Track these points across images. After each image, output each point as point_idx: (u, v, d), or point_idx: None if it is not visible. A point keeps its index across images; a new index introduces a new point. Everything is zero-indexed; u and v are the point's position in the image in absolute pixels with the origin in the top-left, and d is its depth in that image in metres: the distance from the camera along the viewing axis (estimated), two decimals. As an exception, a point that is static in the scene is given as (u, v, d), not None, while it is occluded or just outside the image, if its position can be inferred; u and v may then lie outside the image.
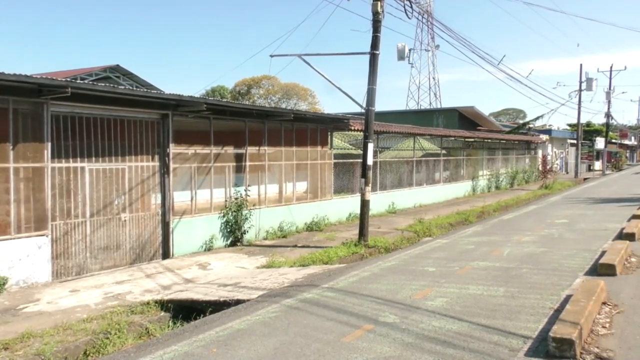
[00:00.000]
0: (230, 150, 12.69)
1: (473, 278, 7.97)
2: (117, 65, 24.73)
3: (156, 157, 10.66)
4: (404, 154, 20.79)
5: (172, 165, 10.83)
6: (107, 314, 6.94)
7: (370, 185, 12.07)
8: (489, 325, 5.59)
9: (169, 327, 6.95)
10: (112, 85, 10.04)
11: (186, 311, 7.47)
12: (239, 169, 12.97)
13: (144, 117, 10.35)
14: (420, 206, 19.91)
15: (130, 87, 15.69)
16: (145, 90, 11.86)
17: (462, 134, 25.32)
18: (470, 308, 6.31)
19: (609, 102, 48.48)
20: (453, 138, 24.43)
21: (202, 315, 7.01)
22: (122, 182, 10.01)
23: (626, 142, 73.97)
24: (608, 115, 49.77)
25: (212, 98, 13.44)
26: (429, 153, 22.80)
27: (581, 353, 4.64)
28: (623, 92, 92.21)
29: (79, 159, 9.31)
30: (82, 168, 9.38)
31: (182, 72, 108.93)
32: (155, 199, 10.82)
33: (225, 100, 29.49)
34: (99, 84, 9.11)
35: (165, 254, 10.75)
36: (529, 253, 9.89)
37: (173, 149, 10.84)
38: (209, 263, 10.29)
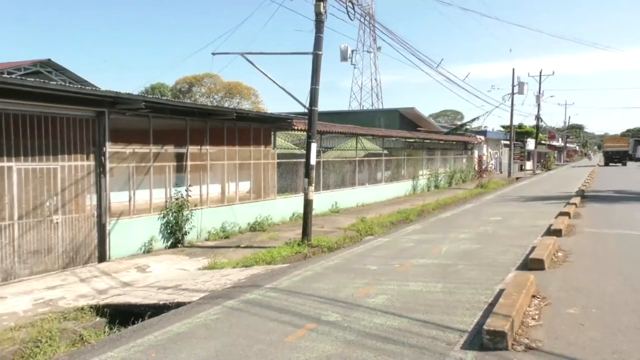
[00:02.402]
0: (171, 149, 12.38)
1: (413, 275, 8.18)
2: (49, 59, 23.50)
3: (91, 156, 10.23)
4: (346, 154, 21.04)
5: (108, 165, 10.44)
6: (38, 321, 6.59)
7: (313, 185, 12.13)
8: (427, 321, 5.76)
9: (105, 333, 6.69)
10: (43, 80, 9.54)
11: (124, 316, 7.21)
12: (180, 169, 12.68)
13: (78, 114, 9.91)
14: (363, 205, 20.22)
15: (63, 83, 14.96)
16: (79, 86, 11.32)
17: (403, 135, 25.92)
18: (410, 304, 6.47)
19: (539, 105, 51.18)
20: (394, 138, 24.96)
21: (140, 320, 6.79)
22: (54, 183, 9.54)
23: (554, 143, 78.29)
24: (538, 117, 52.52)
25: (151, 96, 13.02)
26: (371, 153, 23.19)
27: (513, 344, 4.87)
28: (551, 96, 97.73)
29: (5, 158, 8.78)
30: (10, 168, 8.85)
31: (120, 69, 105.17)
32: (91, 200, 10.39)
33: (165, 98, 28.72)
34: (28, 79, 8.61)
35: (102, 257, 10.34)
36: (465, 250, 10.26)
37: (110, 147, 10.45)
38: (148, 265, 10.00)
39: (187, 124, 12.45)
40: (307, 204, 11.94)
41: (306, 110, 12.09)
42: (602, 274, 7.83)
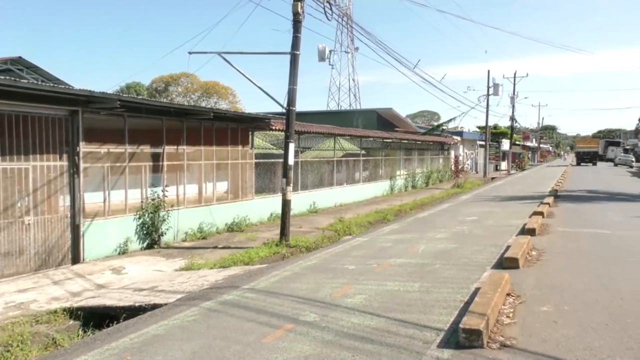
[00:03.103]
0: (147, 149, 12.21)
1: (390, 274, 8.23)
2: (20, 57, 22.95)
3: (65, 156, 10.03)
4: (325, 154, 21.06)
5: (82, 165, 10.24)
6: (8, 325, 6.42)
7: (291, 185, 12.11)
8: (404, 320, 5.80)
9: (78, 336, 6.56)
10: (13, 78, 9.30)
11: (98, 319, 7.09)
12: (157, 169, 12.52)
13: (51, 113, 9.70)
14: (341, 205, 20.27)
15: (35, 81, 14.64)
16: (52, 84, 11.10)
17: (380, 135, 26.07)
18: (387, 304, 6.51)
19: (513, 106, 52.08)
20: (372, 138, 25.08)
21: (115, 323, 6.68)
22: (25, 183, 9.32)
23: (528, 143, 79.75)
24: (512, 118, 53.44)
25: (126, 95, 12.81)
26: (349, 153, 23.26)
27: (488, 342, 4.94)
28: (525, 98, 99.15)
29: (-25, 157, 8.56)
30: (-21, 168, 8.62)
31: (94, 67, 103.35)
32: (64, 201, 10.18)
33: (141, 97, 28.34)
34: (-2, 77, 8.40)
35: (75, 259, 10.14)
36: (442, 249, 10.37)
37: (83, 147, 10.26)
38: (123, 267, 9.84)
39: (164, 123, 12.31)
40: (285, 204, 11.91)
41: (284, 110, 12.06)
42: (575, 273, 8.00)
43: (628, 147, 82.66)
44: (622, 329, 5.33)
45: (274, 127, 15.72)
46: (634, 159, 67.32)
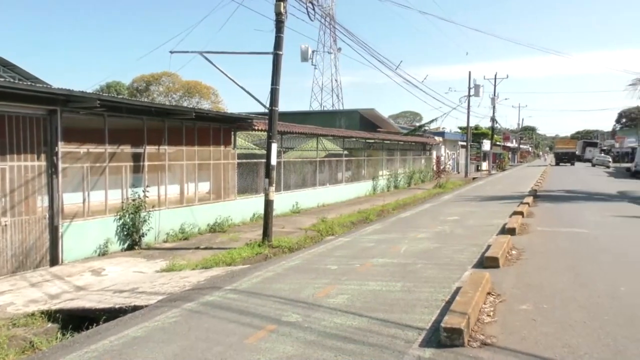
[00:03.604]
0: (128, 149, 12.07)
1: (373, 274, 8.26)
2: (-4, 55, 22.49)
3: (43, 156, 9.86)
4: (307, 154, 21.05)
5: (61, 165, 10.08)
6: (-15, 328, 6.30)
7: (274, 185, 12.08)
8: (387, 319, 5.83)
9: (57, 339, 6.46)
10: (-10, 77, 9.13)
11: (78, 321, 6.99)
12: (137, 169, 12.38)
13: (29, 112, 9.53)
14: (324, 206, 20.28)
15: (12, 80, 14.37)
16: (29, 83, 10.92)
17: (363, 135, 26.16)
18: (369, 303, 6.54)
19: (494, 107, 52.72)
20: (354, 139, 25.15)
21: (95, 325, 6.60)
22: (2, 184, 9.13)
23: (508, 144, 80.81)
24: (493, 119, 54.10)
25: (107, 94, 12.67)
26: (332, 153, 23.29)
27: (469, 341, 4.99)
28: (506, 99, 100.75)
29: (-51, 157, 8.36)
30: (-46, 168, 8.43)
31: (74, 66, 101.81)
32: (42, 202, 10.01)
33: (121, 96, 28.03)
34: (-26, 75, 8.23)
35: (54, 261, 9.98)
36: (424, 249, 10.45)
37: (62, 147, 10.10)
38: (103, 268, 9.71)
39: (145, 123, 12.18)
40: (268, 204, 11.88)
41: (267, 111, 12.03)
42: (554, 271, 8.13)
43: (605, 148, 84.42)
44: (599, 327, 5.43)
45: (256, 127, 15.67)
46: (610, 160, 68.86)
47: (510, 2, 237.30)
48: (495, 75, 53.10)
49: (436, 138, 40.46)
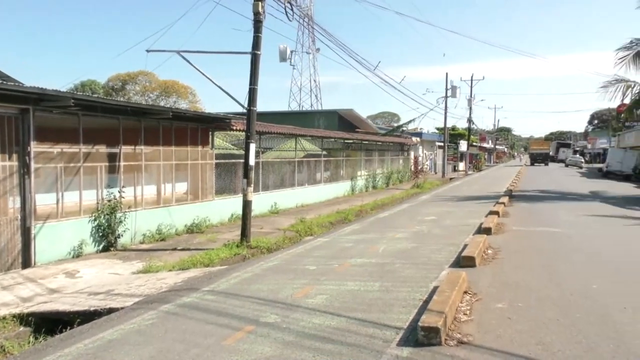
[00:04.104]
0: (103, 149, 11.88)
1: (351, 274, 8.29)
2: (-33, 52, 21.88)
3: (15, 156, 9.63)
4: (286, 154, 21.02)
5: (33, 165, 9.87)
6: (-47, 333, 6.13)
7: (252, 185, 12.03)
8: (365, 319, 5.85)
9: (29, 343, 6.32)
10: (-41, 74, 8.89)
11: (51, 324, 6.84)
12: (113, 170, 12.19)
13: (0, 111, 9.30)
14: (302, 206, 20.27)
15: (-17, 78, 13.98)
16: (0, 81, 10.67)
17: (341, 136, 26.23)
18: (348, 303, 6.55)
19: (470, 108, 53.42)
20: (333, 139, 25.21)
21: (69, 328, 6.47)
22: (-28, 184, 8.90)
23: (485, 145, 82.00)
24: (470, 120, 54.80)
25: (81, 93, 12.45)
26: (311, 154, 23.30)
27: (446, 339, 5.04)
28: (482, 100, 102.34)
29: None
30: None
31: (47, 64, 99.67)
32: (14, 203, 9.78)
33: (96, 95, 27.55)
34: (-58, 73, 8.00)
35: (26, 263, 9.75)
36: (402, 249, 10.52)
37: (35, 147, 9.88)
38: (77, 270, 9.53)
39: (121, 123, 12.00)
40: (246, 204, 11.83)
41: (245, 110, 11.98)
42: (528, 270, 8.27)
43: (578, 149, 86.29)
44: (572, 324, 5.55)
45: (234, 127, 15.58)
46: (583, 160, 70.55)
47: (487, 5, 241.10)
48: (472, 77, 53.84)
49: (414, 139, 40.80)
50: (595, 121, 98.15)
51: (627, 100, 25.20)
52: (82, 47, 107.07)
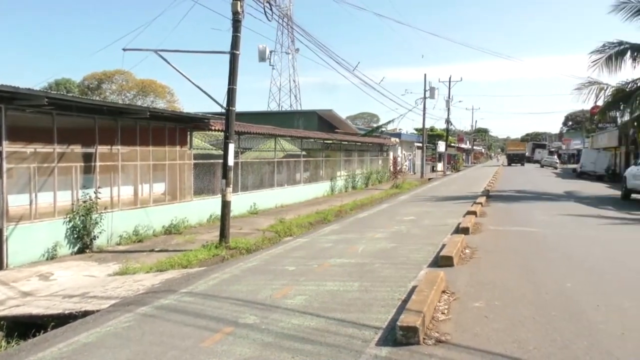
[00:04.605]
0: (78, 149, 11.68)
1: (330, 275, 8.29)
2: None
3: (-14, 156, 9.41)
4: (265, 154, 20.95)
5: (6, 166, 9.65)
6: None
7: (231, 186, 11.96)
8: (344, 319, 5.86)
9: (1, 347, 6.17)
10: None
11: (24, 328, 6.71)
12: (89, 170, 11.99)
13: (-30, 110, 9.07)
14: (282, 206, 20.22)
15: (-47, 75, 13.66)
16: (-29, 79, 10.42)
17: (321, 136, 26.25)
18: (327, 304, 6.55)
19: (449, 109, 54.08)
20: (313, 140, 25.22)
21: (43, 332, 6.34)
22: (-59, 185, 8.66)
23: (463, 145, 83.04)
24: (448, 121, 55.44)
25: (55, 92, 12.18)
26: (290, 154, 23.27)
27: (424, 338, 5.08)
28: (460, 101, 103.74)
29: None
30: None
31: (20, 62, 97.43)
32: (-15, 204, 9.55)
33: (71, 94, 27.05)
34: None
35: (-2, 266, 9.53)
36: (381, 249, 10.57)
37: (7, 147, 9.66)
38: (52, 273, 9.34)
39: (96, 122, 11.81)
40: (225, 205, 11.75)
41: (224, 110, 11.90)
42: (505, 269, 8.39)
43: (553, 150, 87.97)
44: (547, 322, 5.64)
45: (213, 128, 15.48)
46: (558, 161, 72.03)
47: (465, 7, 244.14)
48: (450, 78, 54.44)
49: (393, 139, 41.08)
50: (570, 122, 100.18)
51: (600, 102, 25.76)
52: (57, 45, 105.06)
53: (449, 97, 54.34)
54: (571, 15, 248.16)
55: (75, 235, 11.18)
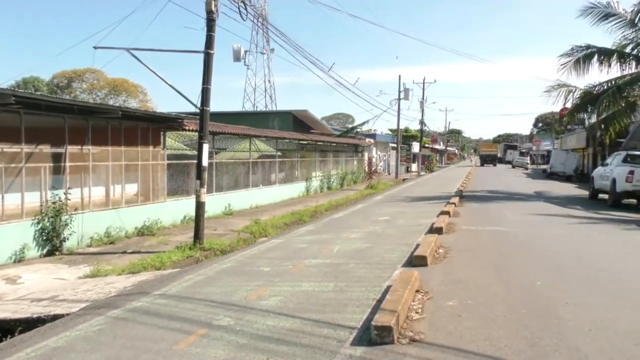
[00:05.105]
0: (47, 149, 11.40)
1: (305, 275, 8.29)
2: None
3: (-50, 156, 9.11)
4: (240, 155, 20.82)
5: (-29, 166, 9.36)
6: None
7: (205, 186, 11.86)
8: (319, 320, 5.86)
9: (-34, 353, 5.98)
10: None
11: (-11, 333, 6.50)
12: (58, 170, 11.72)
13: None
14: (257, 207, 20.13)
15: None
16: None
17: (296, 136, 26.22)
18: (302, 304, 6.55)
19: (423, 110, 54.69)
20: (288, 140, 25.17)
21: (9, 337, 6.17)
22: None
23: (436, 146, 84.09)
24: (422, 122, 56.06)
25: (23, 90, 11.85)
26: (265, 154, 23.18)
27: (398, 338, 5.12)
28: (434, 102, 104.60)
29: None
30: None
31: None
32: (-51, 205, 9.24)
33: (40, 93, 26.40)
34: None
35: (-37, 269, 9.23)
36: (356, 249, 10.61)
37: (-28, 146, 9.38)
38: (19, 276, 9.10)
39: (66, 122, 11.55)
40: (199, 206, 11.63)
41: (198, 110, 11.79)
42: (477, 268, 8.52)
43: (524, 151, 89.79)
44: (518, 320, 5.75)
45: (187, 128, 15.30)
46: (529, 162, 73.67)
47: (439, 10, 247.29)
48: (424, 80, 55.06)
49: (368, 140, 41.31)
50: (540, 124, 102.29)
51: (569, 104, 26.39)
52: (25, 43, 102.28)
53: (423, 99, 54.96)
54: (542, 20, 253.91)
55: (44, 237, 10.92)
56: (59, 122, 11.50)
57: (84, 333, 5.78)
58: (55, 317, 6.57)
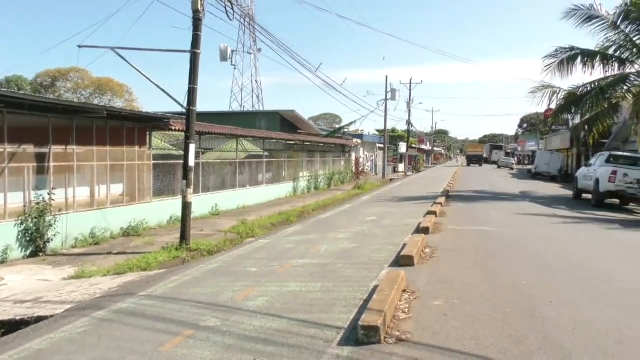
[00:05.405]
0: (31, 149, 11.27)
1: (293, 275, 8.28)
2: None
3: None
4: (227, 155, 20.74)
5: (-48, 166, 9.21)
6: None
7: (192, 187, 11.80)
8: (306, 320, 5.86)
9: (-53, 357, 5.88)
10: None
11: (-29, 336, 6.40)
12: (42, 170, 11.59)
13: None
14: (244, 207, 20.06)
15: None
16: None
17: (283, 137, 26.19)
18: (289, 305, 6.54)
19: (409, 111, 54.98)
20: (275, 140, 25.13)
21: (-8, 339, 6.08)
22: None
23: (423, 146, 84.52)
24: (409, 122, 56.34)
25: (6, 89, 11.67)
26: (252, 155, 23.12)
27: (385, 337, 5.13)
28: (420, 103, 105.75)
29: None
30: None
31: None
32: None
33: (23, 92, 26.06)
34: None
35: (-56, 271, 9.08)
36: (343, 249, 10.63)
37: (-46, 146, 9.23)
38: (2, 278, 8.97)
39: (50, 121, 11.41)
40: (186, 206, 11.57)
41: (184, 110, 11.73)
42: (464, 268, 8.58)
43: (509, 151, 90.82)
44: (504, 319, 5.80)
45: (173, 128, 15.21)
46: (514, 162, 74.41)
47: (427, 11, 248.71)
48: (411, 81, 55.33)
49: (355, 140, 41.38)
50: (525, 125, 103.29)
51: (553, 105, 26.64)
52: (8, 41, 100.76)
53: (409, 99, 55.25)
54: (526, 22, 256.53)
55: (28, 238, 10.78)
56: (42, 121, 11.36)
57: (68, 335, 5.71)
58: (39, 319, 6.49)
